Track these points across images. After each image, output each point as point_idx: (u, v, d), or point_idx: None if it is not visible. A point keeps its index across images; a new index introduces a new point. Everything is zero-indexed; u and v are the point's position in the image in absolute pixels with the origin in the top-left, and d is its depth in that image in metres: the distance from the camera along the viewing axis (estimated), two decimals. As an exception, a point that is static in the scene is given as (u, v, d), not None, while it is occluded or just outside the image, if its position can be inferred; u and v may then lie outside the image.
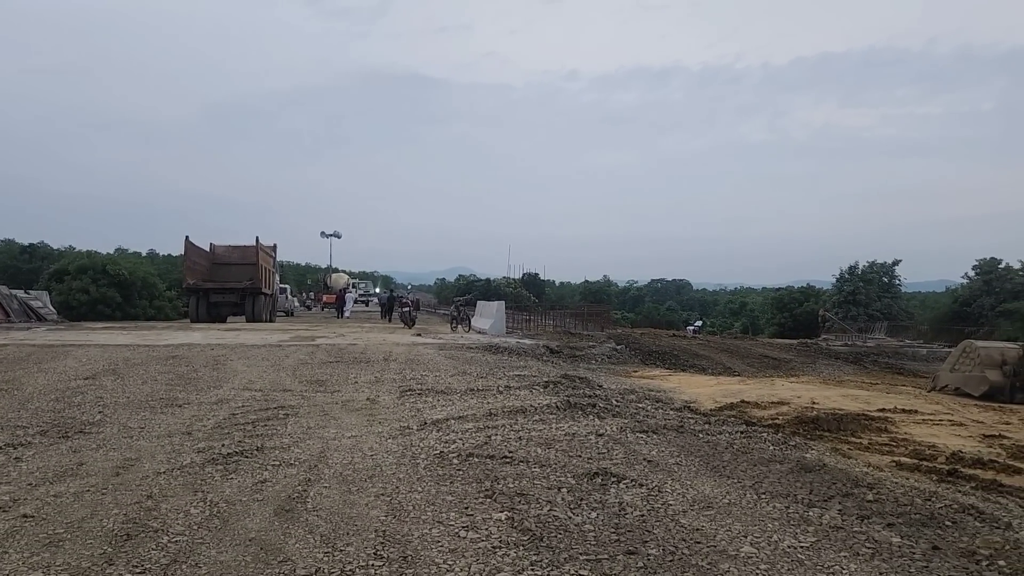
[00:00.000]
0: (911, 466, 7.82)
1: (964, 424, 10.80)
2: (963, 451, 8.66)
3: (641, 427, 8.71)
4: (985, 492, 6.84)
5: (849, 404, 12.27)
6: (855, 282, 59.57)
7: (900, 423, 10.65)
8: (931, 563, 4.58)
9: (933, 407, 12.29)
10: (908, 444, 9.13)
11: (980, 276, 52.24)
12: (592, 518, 5.16)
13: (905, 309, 61.18)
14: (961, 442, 9.45)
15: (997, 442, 9.45)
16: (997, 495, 6.78)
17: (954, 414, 11.65)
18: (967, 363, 13.66)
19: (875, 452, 8.58)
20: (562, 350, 20.33)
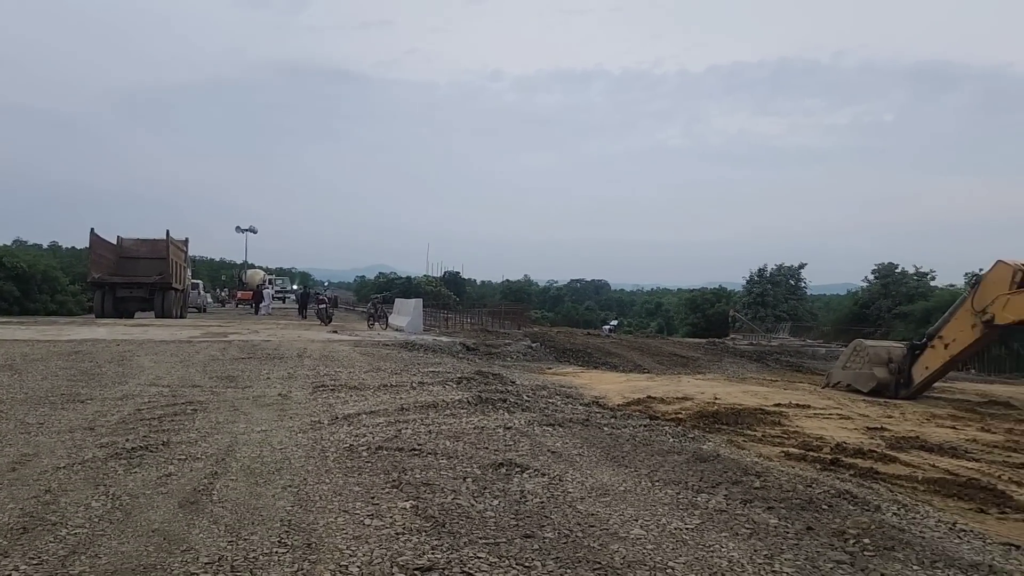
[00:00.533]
0: (798, 456, 8.34)
1: (851, 418, 11.50)
2: (847, 442, 9.26)
3: (548, 421, 8.99)
4: (861, 479, 7.39)
5: (748, 400, 12.89)
6: (764, 284, 61.85)
7: (793, 417, 11.28)
8: (802, 541, 4.97)
9: (825, 402, 13.02)
10: (798, 436, 9.71)
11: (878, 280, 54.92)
12: (494, 505, 5.38)
13: (810, 310, 63.84)
14: (846, 434, 10.10)
15: (878, 434, 10.13)
16: (872, 481, 7.33)
17: (843, 408, 12.39)
18: (857, 361, 14.50)
19: (767, 443, 9.10)
20: (478, 347, 20.55)
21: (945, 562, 4.97)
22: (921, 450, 9.19)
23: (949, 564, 4.93)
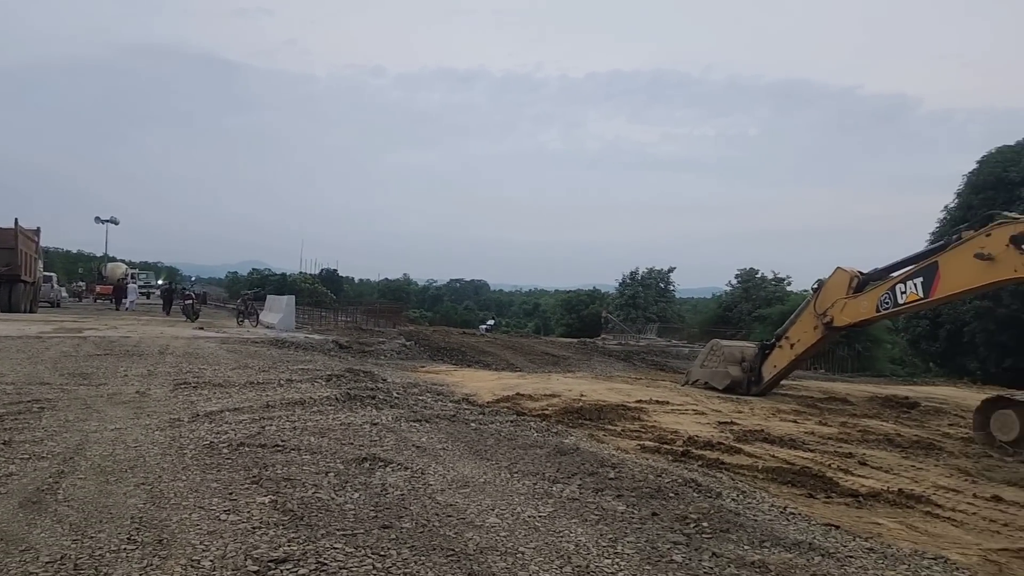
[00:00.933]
0: (653, 448, 8.80)
1: (705, 413, 12.19)
2: (699, 436, 9.83)
3: (416, 417, 9.10)
4: (708, 469, 7.89)
5: (612, 396, 13.41)
6: (635, 287, 64.08)
7: (652, 413, 11.84)
8: (645, 525, 5.31)
9: (683, 399, 13.73)
10: (655, 430, 10.22)
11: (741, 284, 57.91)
12: (354, 499, 5.44)
13: (678, 312, 66.60)
14: (699, 428, 10.70)
15: (728, 428, 10.79)
16: (717, 471, 7.85)
17: (699, 405, 13.10)
18: (714, 360, 15.37)
19: (626, 437, 9.55)
20: (351, 346, 20.36)
21: (772, 541, 5.43)
22: (764, 442, 9.86)
23: (776, 543, 5.39)
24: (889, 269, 12.57)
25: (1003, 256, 10.58)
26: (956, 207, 31.40)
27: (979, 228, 11.18)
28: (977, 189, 30.92)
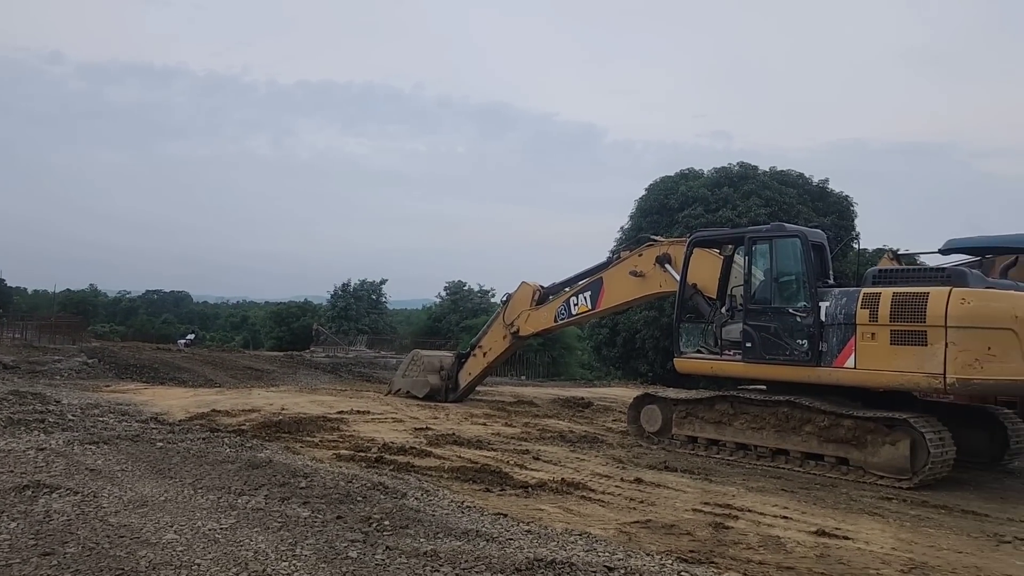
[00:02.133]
0: (348, 456, 9.09)
1: (403, 420, 12.73)
2: (394, 442, 10.30)
3: (93, 439, 8.53)
4: (398, 472, 8.36)
5: (315, 408, 13.48)
6: (347, 298, 63.87)
7: (352, 422, 12.13)
8: (327, 528, 5.60)
9: (384, 408, 14.18)
10: (353, 439, 10.52)
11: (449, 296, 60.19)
12: (11, 528, 5.09)
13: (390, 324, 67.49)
14: (396, 435, 11.19)
15: (423, 433, 11.39)
16: (406, 473, 8.34)
17: (399, 413, 13.63)
18: (415, 369, 16.05)
19: (323, 447, 9.73)
20: (19, 365, 18.20)
21: (446, 532, 5.98)
22: (454, 444, 10.58)
23: (449, 534, 5.95)
24: (565, 283, 14.08)
25: (652, 273, 12.38)
26: (630, 228, 35.54)
27: (634, 249, 12.99)
28: (645, 213, 35.30)
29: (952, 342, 8.35)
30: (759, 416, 10.07)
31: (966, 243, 12.84)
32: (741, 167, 36.01)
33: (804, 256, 9.67)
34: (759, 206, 32.97)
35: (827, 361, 9.31)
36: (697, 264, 11.35)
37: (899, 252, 17.34)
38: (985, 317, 8.38)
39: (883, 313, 8.86)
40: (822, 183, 36.50)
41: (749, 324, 10.05)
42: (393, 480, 7.81)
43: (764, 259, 10.19)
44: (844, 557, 6.04)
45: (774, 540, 6.45)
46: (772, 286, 10.02)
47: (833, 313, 9.29)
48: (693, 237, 11.37)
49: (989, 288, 8.81)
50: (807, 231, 10.06)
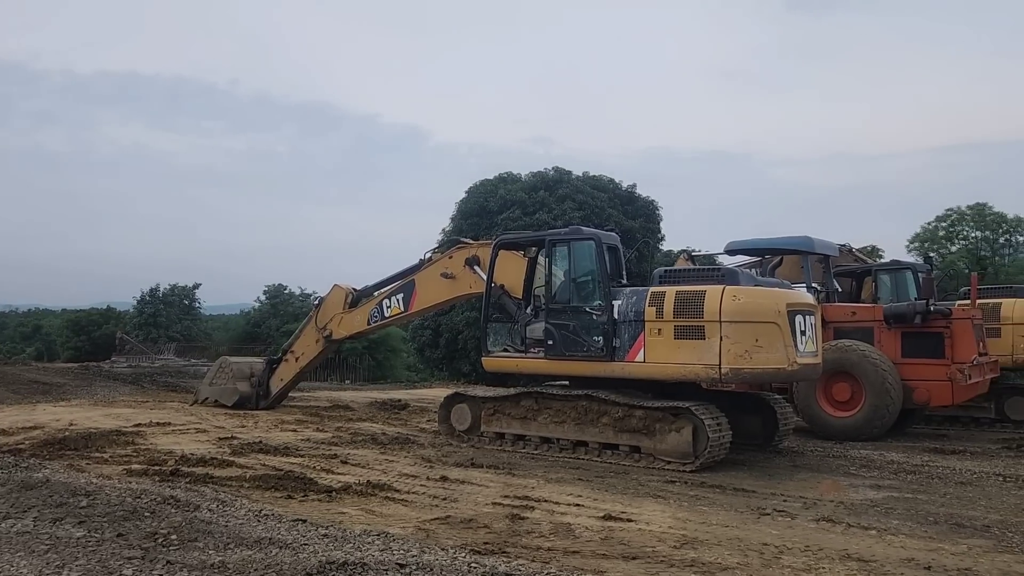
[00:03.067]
0: (141, 471, 8.63)
1: (208, 431, 12.23)
2: (194, 453, 9.88)
3: None
4: (194, 484, 8.04)
5: (109, 422, 12.64)
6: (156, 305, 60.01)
7: (150, 435, 11.50)
8: (103, 546, 5.32)
9: (188, 419, 13.53)
10: (149, 453, 9.98)
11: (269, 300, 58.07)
12: None
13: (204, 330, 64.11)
14: (197, 446, 10.73)
15: (228, 443, 11.00)
16: (203, 485, 8.05)
17: (203, 423, 13.06)
18: (223, 377, 15.41)
19: (113, 463, 9.17)
20: None
21: (237, 542, 5.86)
22: (260, 452, 10.30)
23: (240, 543, 5.83)
24: (378, 286, 14.07)
25: (461, 275, 12.65)
26: (451, 230, 35.92)
27: (445, 251, 13.22)
28: (466, 215, 35.82)
29: (726, 335, 9.17)
30: (561, 410, 10.56)
31: (744, 244, 14.14)
32: (556, 172, 37.38)
33: (598, 258, 10.26)
34: (573, 209, 34.36)
35: (620, 356, 9.92)
36: (504, 266, 11.72)
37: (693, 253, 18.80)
38: (753, 312, 9.27)
39: (668, 310, 9.56)
40: (631, 188, 38.60)
41: (550, 323, 10.52)
42: (187, 493, 7.51)
43: (563, 261, 10.71)
44: (626, 538, 6.49)
45: (565, 527, 6.83)
46: (570, 286, 10.55)
47: (625, 311, 9.91)
48: (498, 240, 11.72)
49: (757, 286, 9.76)
50: (602, 234, 10.66)
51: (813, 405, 12.54)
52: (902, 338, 12.52)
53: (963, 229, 63.69)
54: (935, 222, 63.51)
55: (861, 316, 13.04)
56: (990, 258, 62.41)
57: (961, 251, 62.99)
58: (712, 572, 5.64)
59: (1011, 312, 13.77)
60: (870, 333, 12.72)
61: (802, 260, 13.84)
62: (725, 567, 5.75)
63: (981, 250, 63.30)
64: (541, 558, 5.87)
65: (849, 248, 16.34)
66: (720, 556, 6.01)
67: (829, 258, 14.22)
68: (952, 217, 63.32)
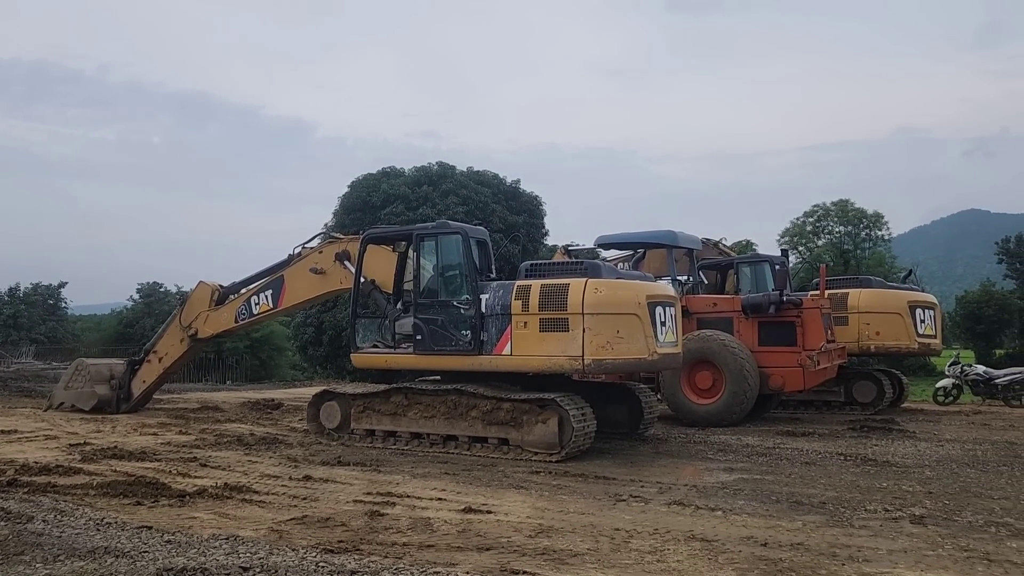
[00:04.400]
0: (-27, 484, 8.05)
1: (58, 437, 11.55)
2: (38, 461, 9.30)
3: None
4: (32, 495, 7.58)
5: (-55, 433, 11.76)
6: (16, 305, 56.18)
7: (-8, 444, 10.76)
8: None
9: (38, 425, 12.75)
10: (-12, 463, 9.32)
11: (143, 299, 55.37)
12: None
13: (72, 331, 60.49)
14: (44, 453, 10.12)
15: (79, 449, 10.42)
16: (42, 495, 7.59)
17: (54, 429, 12.32)
18: (80, 380, 14.56)
19: (-58, 476, 8.52)
20: None
21: (69, 554, 5.57)
22: (114, 458, 9.81)
23: (72, 554, 5.54)
24: (246, 282, 13.62)
25: (332, 270, 12.42)
26: (334, 225, 35.22)
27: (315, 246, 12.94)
28: (348, 210, 35.23)
29: (588, 327, 9.36)
30: (431, 405, 10.53)
31: (613, 238, 14.52)
32: (440, 166, 37.29)
33: (465, 252, 10.28)
34: (457, 204, 34.36)
35: (488, 349, 9.98)
36: (374, 261, 11.58)
37: (570, 247, 19.14)
38: (614, 304, 9.50)
39: (533, 303, 9.68)
40: (514, 183, 38.93)
41: (419, 317, 10.46)
42: (21, 504, 7.08)
43: (431, 255, 10.66)
44: (483, 530, 6.54)
45: (424, 522, 6.81)
46: (438, 280, 10.53)
47: (492, 305, 9.97)
48: (366, 234, 11.57)
49: (619, 279, 10.02)
50: (469, 228, 10.69)
51: (678, 393, 13.01)
52: (759, 327, 13.17)
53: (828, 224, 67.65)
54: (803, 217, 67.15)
55: (721, 307, 13.63)
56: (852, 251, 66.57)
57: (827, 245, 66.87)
58: (563, 559, 5.75)
59: (857, 301, 14.72)
60: (730, 323, 13.31)
61: (667, 253, 14.33)
62: (576, 553, 5.88)
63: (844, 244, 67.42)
64: (395, 554, 5.84)
65: (715, 242, 17.04)
66: (572, 543, 6.14)
67: (693, 251, 14.79)
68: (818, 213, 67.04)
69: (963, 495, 7.80)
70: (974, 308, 56.45)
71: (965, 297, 59.81)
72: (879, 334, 14.45)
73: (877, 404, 14.62)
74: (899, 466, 9.42)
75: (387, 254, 11.66)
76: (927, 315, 14.77)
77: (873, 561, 5.64)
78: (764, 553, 5.84)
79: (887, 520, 6.80)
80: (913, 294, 15.16)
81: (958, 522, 6.72)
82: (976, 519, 6.81)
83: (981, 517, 6.87)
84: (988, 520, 6.75)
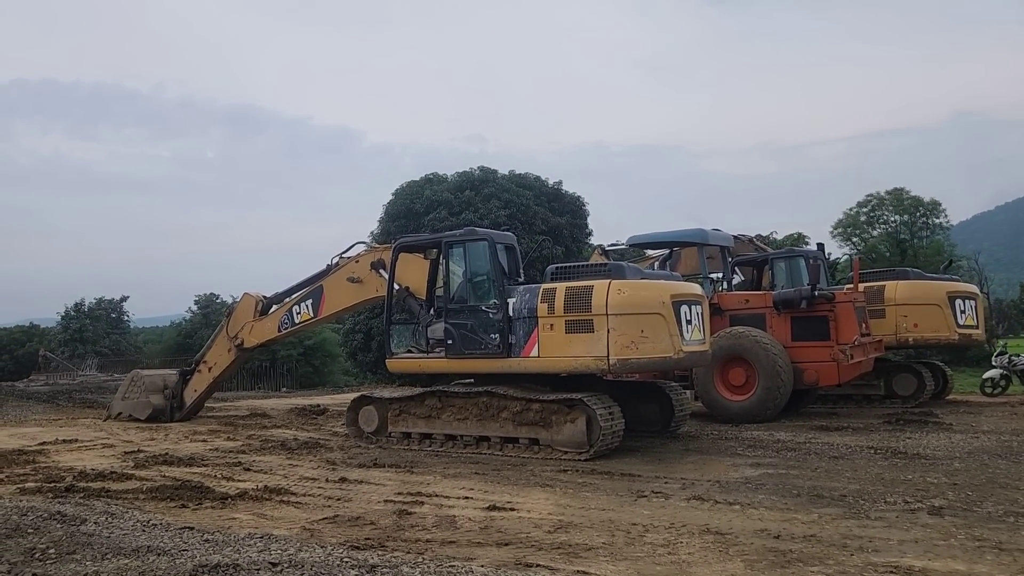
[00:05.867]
0: (35, 489, 8.60)
1: (115, 445, 12.16)
2: (95, 468, 9.85)
3: None
4: (88, 499, 8.08)
5: (12, 442, 12.48)
6: (82, 319, 58.39)
7: (54, 453, 11.41)
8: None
9: (96, 435, 13.43)
10: (48, 470, 9.92)
11: (200, 310, 57.01)
12: None
13: (134, 344, 62.61)
14: (100, 461, 10.70)
15: (133, 456, 10.97)
16: (96, 499, 8.09)
17: (112, 438, 12.98)
18: (135, 390, 15.27)
19: (8, 483, 9.10)
20: None
21: (116, 552, 5.97)
22: (164, 464, 10.33)
23: (118, 553, 5.94)
24: (288, 293, 14.13)
25: (368, 278, 12.82)
26: (379, 232, 35.88)
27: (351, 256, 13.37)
28: (393, 217, 35.79)
29: (613, 328, 9.55)
30: (463, 407, 10.84)
31: (645, 238, 14.63)
32: (482, 171, 37.63)
33: (492, 257, 10.55)
34: (499, 208, 34.65)
35: (516, 352, 10.23)
36: (407, 268, 11.94)
37: (607, 247, 19.28)
38: (638, 304, 9.67)
39: (559, 306, 9.91)
40: (557, 185, 39.07)
41: (450, 322, 10.77)
42: (76, 508, 7.55)
43: (459, 262, 10.97)
44: (504, 527, 6.78)
45: (448, 519, 7.09)
46: (467, 286, 10.83)
47: (519, 308, 10.23)
48: (397, 243, 11.92)
49: (643, 279, 10.18)
50: (495, 234, 10.96)
51: (711, 390, 13.08)
52: (791, 322, 13.15)
53: (883, 214, 66.21)
54: (856, 208, 65.84)
55: (754, 303, 13.64)
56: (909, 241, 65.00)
57: (882, 235, 65.43)
58: (576, 553, 5.96)
59: (894, 294, 14.56)
60: (762, 319, 13.32)
61: (698, 251, 14.39)
62: (590, 547, 6.09)
63: (901, 233, 65.87)
64: (417, 549, 6.12)
65: (750, 238, 17.00)
66: (589, 538, 6.35)
67: (725, 249, 14.81)
68: (872, 202, 65.62)
69: (988, 486, 7.78)
70: (1038, 296, 54.57)
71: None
72: (917, 326, 14.28)
73: (918, 397, 14.44)
74: (929, 458, 9.38)
75: (420, 261, 12.00)
76: (968, 305, 14.54)
77: (882, 551, 5.73)
78: (775, 545, 5.97)
79: (904, 512, 6.85)
80: (952, 284, 14.93)
81: (976, 513, 6.74)
82: (996, 509, 6.81)
83: (1002, 507, 6.87)
84: (1008, 510, 6.75)
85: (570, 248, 36.07)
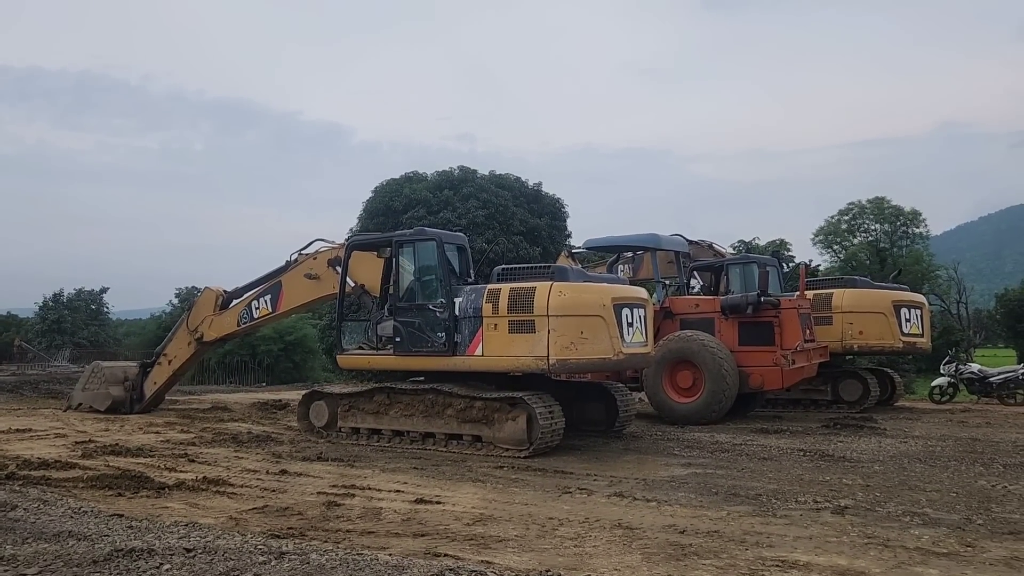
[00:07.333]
0: (-26, 477, 8.74)
1: (68, 435, 12.27)
2: (40, 457, 9.97)
3: None
4: (25, 486, 8.21)
5: (-34, 431, 12.57)
6: (60, 310, 58.17)
7: (5, 442, 11.51)
8: None
9: (52, 424, 13.53)
10: (-5, 459, 10.04)
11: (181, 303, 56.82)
12: None
13: (113, 336, 62.38)
14: (49, 450, 10.82)
15: (83, 447, 11.08)
16: (33, 487, 8.22)
17: (66, 428, 13.09)
18: (96, 382, 15.35)
19: (-50, 472, 9.22)
20: None
21: (37, 537, 6.13)
22: (112, 455, 10.45)
23: (39, 538, 6.11)
24: (248, 288, 14.26)
25: (325, 275, 12.98)
26: (358, 229, 36.06)
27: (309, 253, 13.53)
28: (372, 215, 36.03)
29: (553, 329, 9.77)
30: (410, 404, 11.04)
31: (599, 242, 14.89)
32: (462, 170, 37.90)
33: (440, 257, 10.76)
34: (477, 207, 34.93)
35: (461, 351, 10.44)
36: (362, 267, 12.11)
37: (573, 250, 19.53)
38: (578, 306, 9.90)
39: (503, 306, 10.12)
40: (536, 186, 39.39)
41: (398, 320, 10.97)
42: (9, 495, 7.69)
43: (409, 261, 11.18)
44: (426, 519, 6.99)
45: (374, 511, 7.30)
46: (416, 285, 11.04)
47: (465, 308, 10.44)
48: (350, 241, 12.12)
49: (585, 282, 10.41)
50: (445, 234, 11.17)
51: (659, 392, 13.34)
52: (739, 327, 13.43)
53: (864, 222, 66.75)
54: (838, 216, 66.34)
55: (703, 308, 13.92)
56: (889, 249, 65.54)
57: (862, 243, 65.97)
58: (487, 544, 6.18)
59: (840, 301, 14.87)
60: (711, 323, 13.60)
61: (651, 256, 14.64)
62: (502, 539, 6.31)
63: (881, 242, 66.41)
64: (335, 539, 6.32)
65: (709, 244, 17.28)
66: (504, 530, 6.57)
67: (680, 254, 15.08)
68: (854, 211, 66.13)
69: (898, 488, 8.06)
70: (1015, 306, 55.18)
71: (1005, 295, 58.51)
72: (862, 333, 14.59)
73: (863, 403, 14.76)
74: (853, 461, 9.66)
75: (375, 260, 12.15)
76: (913, 314, 14.86)
77: (776, 547, 5.98)
78: (678, 539, 6.21)
79: (810, 511, 7.11)
80: (898, 293, 15.26)
81: (877, 512, 7.01)
82: (896, 509, 7.09)
83: (902, 508, 7.14)
84: (907, 511, 7.03)
85: (547, 249, 36.36)
